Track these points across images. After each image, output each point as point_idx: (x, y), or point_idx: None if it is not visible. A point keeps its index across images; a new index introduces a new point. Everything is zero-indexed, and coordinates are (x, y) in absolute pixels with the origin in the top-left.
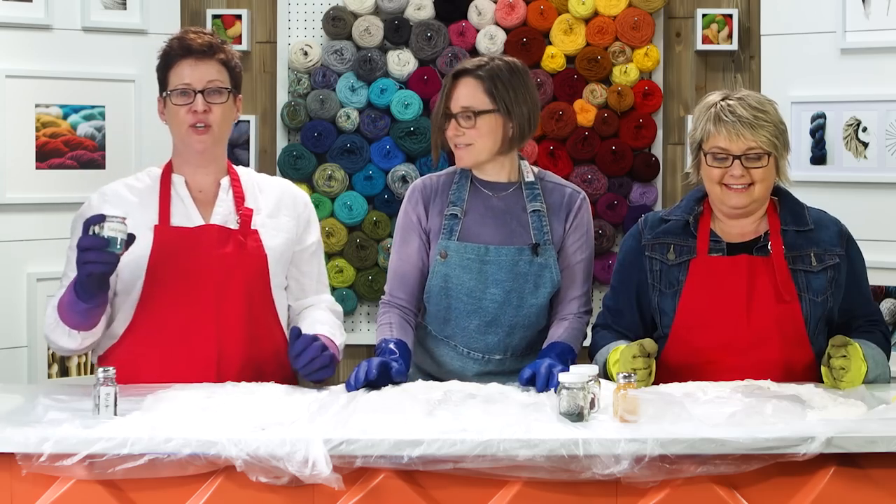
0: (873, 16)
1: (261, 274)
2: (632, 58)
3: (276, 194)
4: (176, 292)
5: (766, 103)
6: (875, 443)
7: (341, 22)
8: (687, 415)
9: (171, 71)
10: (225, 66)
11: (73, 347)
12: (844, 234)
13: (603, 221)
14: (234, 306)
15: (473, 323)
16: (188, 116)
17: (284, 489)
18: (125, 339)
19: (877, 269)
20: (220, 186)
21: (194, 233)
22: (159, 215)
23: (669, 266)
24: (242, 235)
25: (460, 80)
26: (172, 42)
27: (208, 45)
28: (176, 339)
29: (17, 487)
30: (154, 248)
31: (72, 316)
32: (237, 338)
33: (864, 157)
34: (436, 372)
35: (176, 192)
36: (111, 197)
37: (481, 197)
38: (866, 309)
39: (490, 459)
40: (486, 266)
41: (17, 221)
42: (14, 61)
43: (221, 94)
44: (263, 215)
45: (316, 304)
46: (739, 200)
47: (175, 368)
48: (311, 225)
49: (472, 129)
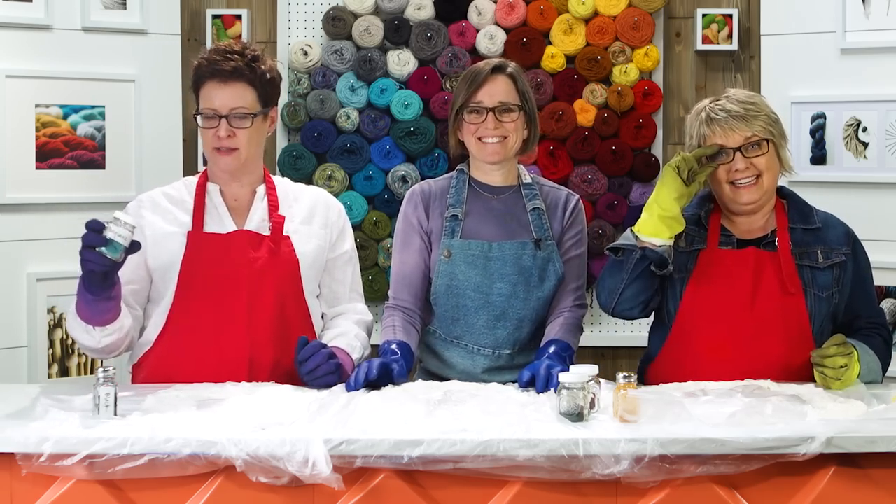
0: (873, 16)
1: (293, 279)
2: (632, 58)
3: (309, 203)
4: (208, 297)
5: (754, 96)
6: (875, 443)
7: (341, 22)
8: (687, 415)
9: (200, 90)
10: (252, 86)
11: (91, 345)
12: (851, 235)
13: (603, 221)
14: (266, 311)
15: (482, 318)
16: (213, 140)
17: (284, 489)
18: (158, 344)
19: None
20: (256, 195)
21: (226, 238)
22: (193, 222)
23: (679, 252)
24: (274, 241)
25: (494, 77)
26: (202, 60)
27: (234, 69)
28: (208, 344)
29: (17, 487)
30: (186, 254)
31: (82, 307)
32: (269, 342)
33: (864, 157)
34: (446, 374)
35: (210, 200)
36: (148, 204)
37: (481, 199)
38: (870, 311)
39: (490, 459)
40: (490, 262)
41: (17, 221)
42: (14, 61)
43: (246, 119)
44: (297, 222)
45: (347, 312)
46: (750, 196)
47: (207, 373)
48: (345, 233)
49: (512, 122)
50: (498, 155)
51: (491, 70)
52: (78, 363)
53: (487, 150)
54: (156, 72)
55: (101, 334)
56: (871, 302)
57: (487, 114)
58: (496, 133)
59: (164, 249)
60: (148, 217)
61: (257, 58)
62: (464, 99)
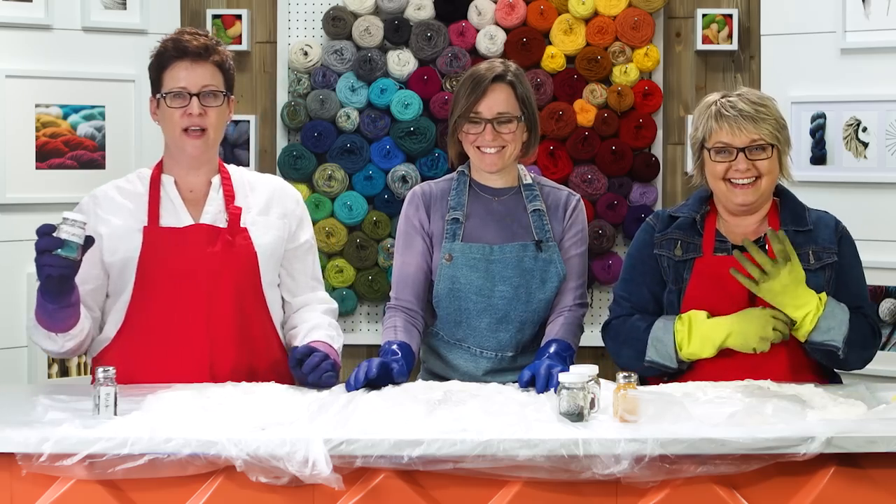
0: (873, 16)
1: (251, 272)
2: (632, 58)
3: (267, 192)
4: (166, 293)
5: (765, 98)
6: (875, 443)
7: (341, 22)
8: (687, 415)
9: (165, 72)
10: (220, 69)
11: (54, 350)
12: (839, 230)
13: (603, 221)
14: (225, 305)
15: (484, 321)
16: (183, 120)
17: (284, 489)
18: (117, 340)
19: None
20: (211, 186)
21: (182, 233)
22: (148, 216)
23: (676, 262)
24: (231, 234)
25: (494, 86)
26: (167, 43)
27: (204, 48)
28: (167, 340)
29: (17, 487)
30: (143, 249)
31: (43, 318)
32: (229, 336)
33: (864, 157)
34: (449, 375)
35: (165, 193)
36: (102, 200)
37: (481, 201)
38: (854, 301)
39: (490, 459)
40: (492, 265)
41: (17, 221)
42: (14, 61)
43: (217, 98)
44: (254, 213)
45: (311, 302)
46: (746, 197)
47: (168, 369)
48: (304, 222)
49: (509, 133)
50: (496, 165)
51: (491, 80)
52: (78, 363)
53: (486, 161)
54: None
55: (64, 339)
56: (857, 293)
57: (486, 125)
58: (494, 144)
59: (120, 245)
60: (102, 214)
61: (219, 43)
62: (462, 109)
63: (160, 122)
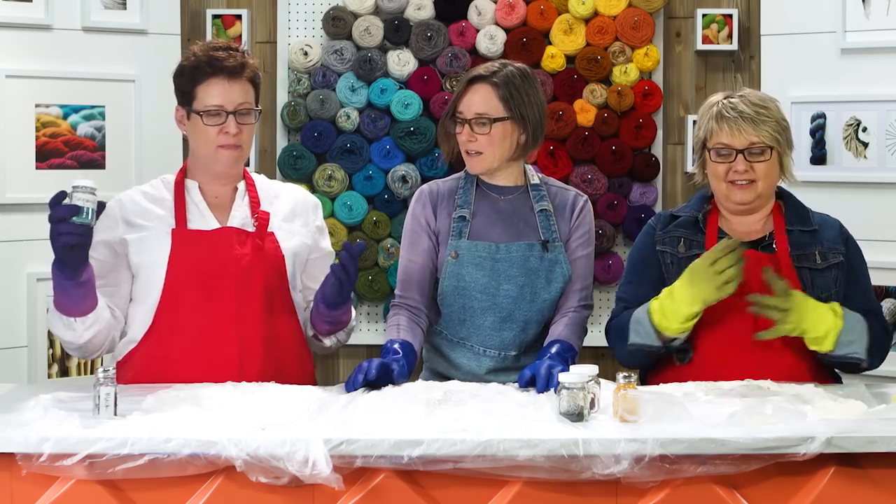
0: (873, 16)
1: (279, 274)
2: (632, 58)
3: (291, 201)
4: (196, 294)
5: (767, 100)
6: (875, 443)
7: (341, 22)
8: (687, 415)
9: (199, 87)
10: (252, 84)
11: (73, 341)
12: (844, 232)
13: (603, 221)
14: (254, 306)
15: (489, 320)
16: (220, 137)
17: (284, 489)
18: (145, 342)
19: (877, 269)
20: (237, 192)
21: (212, 235)
22: (176, 219)
23: (679, 258)
24: (259, 238)
25: (474, 86)
26: (201, 58)
27: (241, 66)
28: (197, 341)
29: (17, 487)
30: (172, 251)
31: (61, 298)
32: (258, 337)
33: (864, 157)
34: (451, 374)
35: (191, 198)
36: (128, 204)
37: (488, 200)
38: (865, 304)
39: (490, 459)
40: (497, 263)
41: (17, 221)
42: (14, 61)
43: (251, 115)
44: (279, 219)
45: None
46: (744, 196)
47: (197, 369)
48: (324, 231)
49: (486, 136)
50: (475, 169)
51: (470, 80)
52: (78, 363)
53: (469, 161)
54: (156, 72)
55: (83, 327)
56: (866, 296)
57: (465, 125)
58: (471, 147)
59: (148, 248)
60: (129, 218)
61: (249, 55)
62: (449, 107)
63: (190, 134)
